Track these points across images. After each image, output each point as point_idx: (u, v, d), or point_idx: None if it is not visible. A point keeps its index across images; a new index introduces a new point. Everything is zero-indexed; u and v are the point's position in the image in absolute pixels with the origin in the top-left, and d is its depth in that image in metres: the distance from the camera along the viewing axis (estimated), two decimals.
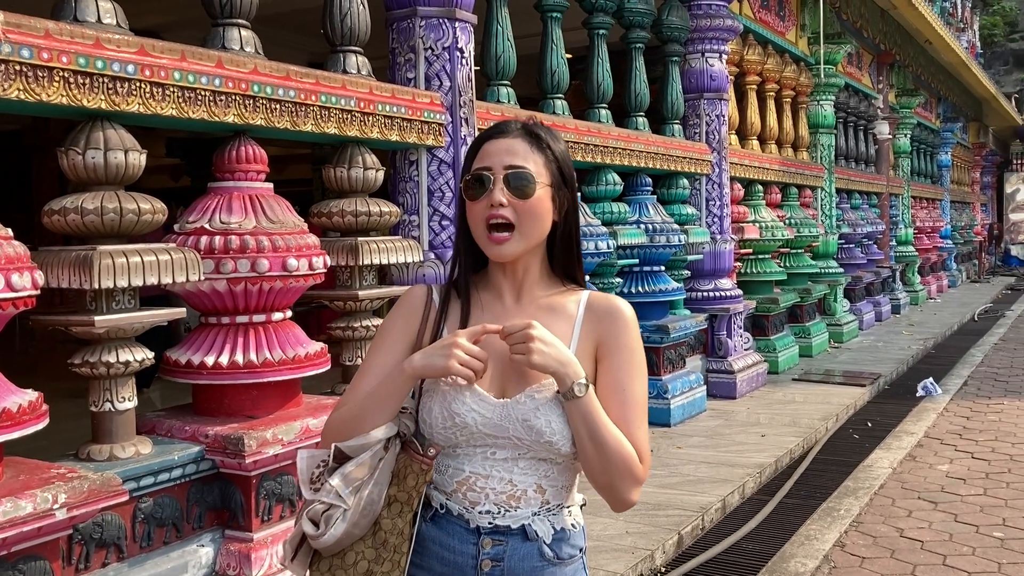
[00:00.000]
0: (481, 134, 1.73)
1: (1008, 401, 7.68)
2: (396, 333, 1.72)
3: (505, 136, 1.69)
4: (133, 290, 3.05)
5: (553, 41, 5.55)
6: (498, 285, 1.73)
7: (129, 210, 2.95)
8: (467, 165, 1.71)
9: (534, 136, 1.70)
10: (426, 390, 1.65)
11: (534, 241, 1.68)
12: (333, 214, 3.91)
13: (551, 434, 1.58)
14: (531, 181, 1.64)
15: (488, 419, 1.60)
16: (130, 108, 2.98)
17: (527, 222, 1.64)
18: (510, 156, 1.66)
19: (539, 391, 1.60)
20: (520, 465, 1.62)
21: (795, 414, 6.76)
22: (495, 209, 1.63)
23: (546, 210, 1.67)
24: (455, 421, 1.60)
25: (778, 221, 8.99)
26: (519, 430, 1.59)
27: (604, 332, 1.68)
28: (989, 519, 4.64)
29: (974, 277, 21.91)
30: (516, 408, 1.59)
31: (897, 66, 14.62)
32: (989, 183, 28.04)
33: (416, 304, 1.74)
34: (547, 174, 1.68)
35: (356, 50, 4.01)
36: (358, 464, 1.58)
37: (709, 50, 7.47)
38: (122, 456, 3.03)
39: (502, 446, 1.61)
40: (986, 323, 13.39)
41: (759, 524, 4.56)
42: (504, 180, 1.64)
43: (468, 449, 1.63)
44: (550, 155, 1.70)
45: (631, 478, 1.59)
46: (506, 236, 1.64)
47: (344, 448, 1.59)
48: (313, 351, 3.52)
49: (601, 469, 1.58)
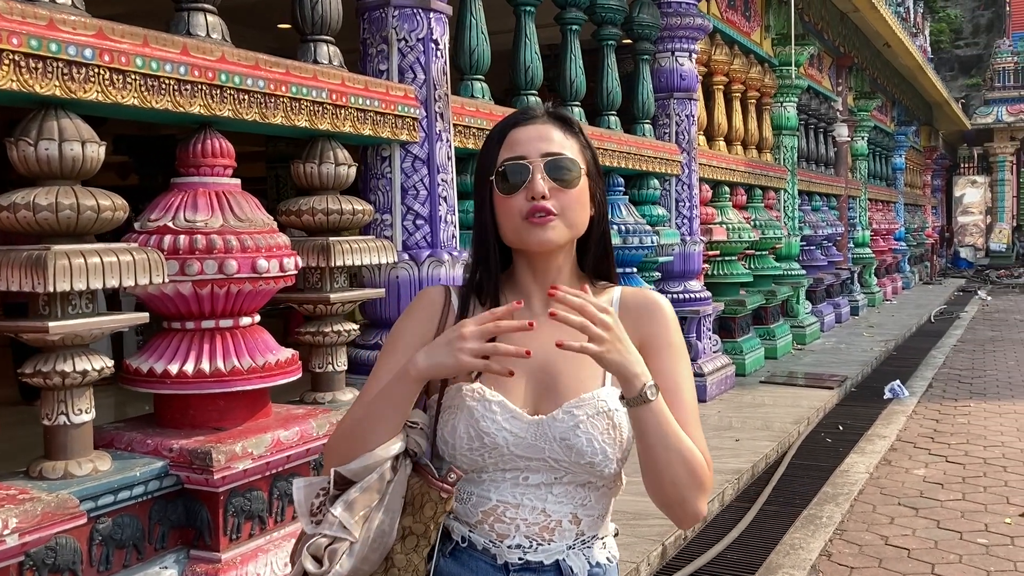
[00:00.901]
0: (502, 121, 1.55)
1: (974, 403, 7.69)
2: (409, 338, 1.52)
3: (534, 121, 1.52)
4: (91, 293, 2.82)
5: (527, 36, 5.38)
6: (526, 289, 1.55)
7: (87, 207, 2.72)
8: (489, 157, 1.52)
9: (565, 120, 1.54)
10: (446, 406, 1.46)
11: (577, 231, 1.51)
12: (303, 212, 3.70)
13: (593, 454, 1.41)
14: (574, 168, 1.48)
15: (522, 439, 1.41)
16: (87, 96, 2.75)
17: (572, 212, 1.48)
18: (546, 143, 1.48)
19: (578, 406, 1.42)
20: (555, 492, 1.44)
21: (766, 417, 6.67)
22: (537, 202, 1.45)
23: (586, 200, 1.51)
24: (484, 442, 1.41)
25: (744, 223, 8.94)
26: (556, 451, 1.41)
27: (646, 330, 1.51)
28: (972, 525, 4.57)
29: (927, 279, 22.22)
30: (553, 426, 1.41)
31: (855, 69, 14.71)
32: (939, 186, 28.52)
33: (433, 307, 1.56)
34: (583, 161, 1.52)
35: (327, 39, 3.81)
36: (364, 489, 1.38)
37: (679, 49, 7.36)
38: (78, 473, 2.79)
39: (536, 469, 1.43)
40: (943, 324, 13.52)
41: (741, 533, 4.44)
42: (544, 169, 1.46)
43: (496, 474, 1.44)
44: (583, 140, 1.54)
45: (702, 488, 1.42)
46: (549, 218, 1.45)
47: (345, 472, 1.40)
48: (283, 358, 3.31)
49: (673, 481, 1.40)
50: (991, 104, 29.31)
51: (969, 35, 38.94)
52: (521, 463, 1.43)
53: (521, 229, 1.47)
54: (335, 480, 1.40)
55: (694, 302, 7.43)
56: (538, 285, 1.54)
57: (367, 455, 1.39)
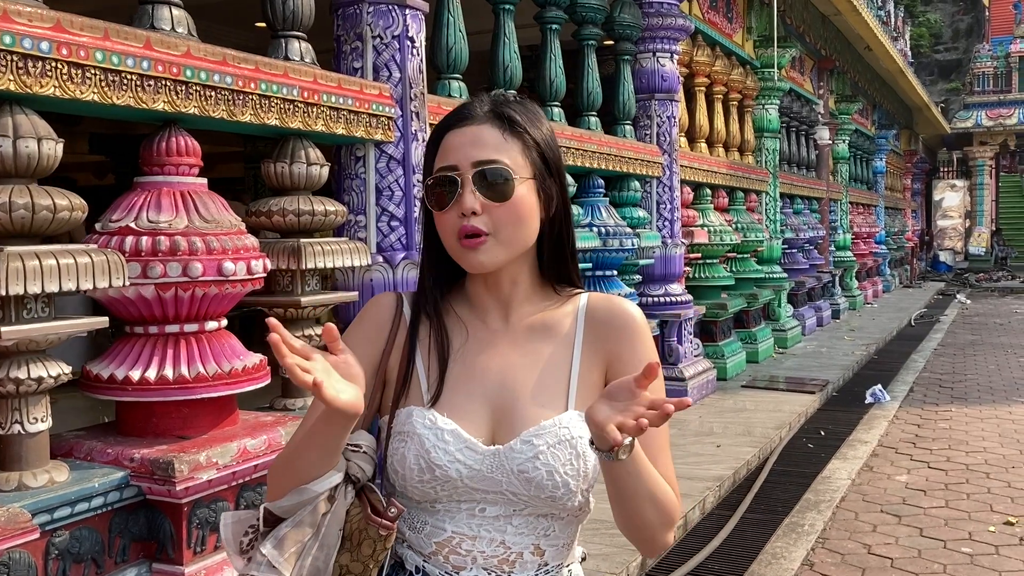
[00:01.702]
0: (440, 122, 1.40)
1: (956, 408, 7.65)
2: (359, 353, 1.36)
3: (470, 123, 1.37)
4: (47, 297, 2.70)
5: (506, 35, 5.29)
6: (481, 303, 1.43)
7: (42, 206, 2.60)
8: (428, 163, 1.40)
9: (506, 119, 1.38)
10: (396, 432, 1.35)
11: (519, 248, 1.37)
12: (273, 213, 3.59)
13: (554, 488, 1.30)
14: (508, 178, 1.33)
15: (476, 471, 1.30)
16: (44, 91, 2.63)
17: (508, 229, 1.34)
18: (478, 149, 1.34)
19: (538, 434, 1.31)
20: (515, 523, 1.33)
21: (748, 423, 6.60)
22: (467, 219, 1.32)
23: (530, 210, 1.36)
24: (435, 474, 1.30)
25: (726, 225, 8.88)
26: (514, 484, 1.30)
27: (614, 346, 1.39)
28: (955, 533, 4.51)
29: (906, 282, 22.29)
30: (510, 457, 1.30)
31: (837, 72, 14.72)
32: (919, 190, 28.64)
33: (382, 317, 1.44)
34: (527, 165, 1.37)
35: (299, 35, 3.70)
36: (295, 524, 1.26)
37: (660, 50, 7.29)
38: (33, 485, 2.68)
39: (493, 502, 1.32)
40: (923, 328, 13.52)
41: (723, 542, 4.36)
42: (474, 180, 1.32)
43: (451, 505, 1.33)
44: (529, 140, 1.38)
45: (671, 523, 1.34)
46: (481, 240, 1.32)
47: (275, 510, 1.27)
48: (251, 364, 3.20)
49: (643, 524, 1.31)
50: (970, 108, 29.51)
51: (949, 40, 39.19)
52: (477, 495, 1.33)
53: (456, 251, 1.36)
54: (264, 518, 1.28)
55: (675, 305, 7.35)
56: (492, 298, 1.43)
57: (300, 490, 1.27)
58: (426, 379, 1.39)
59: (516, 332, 1.42)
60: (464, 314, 1.44)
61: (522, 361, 1.39)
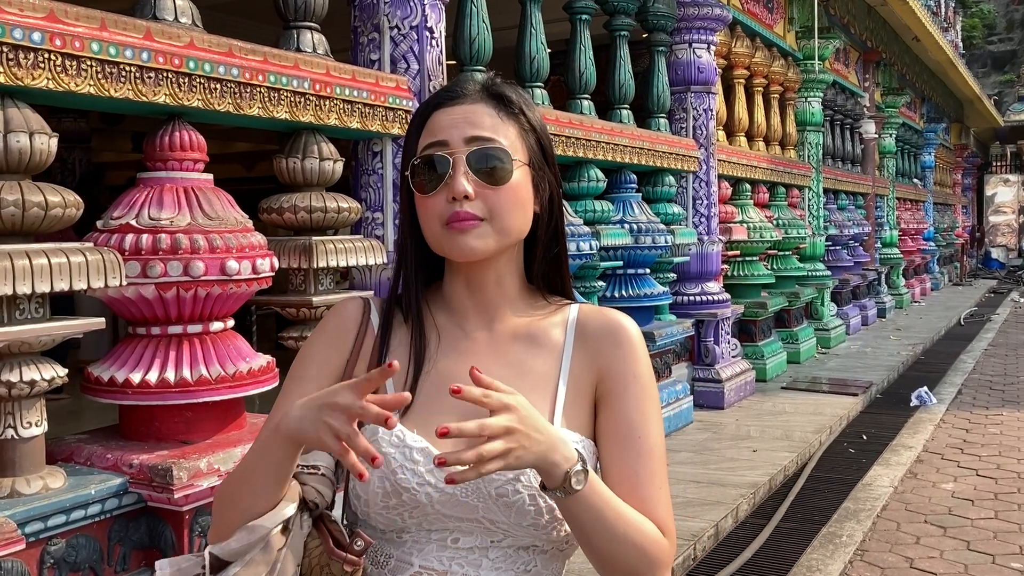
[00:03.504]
0: (426, 101, 1.26)
1: (1007, 412, 7.34)
2: (318, 364, 1.26)
3: (462, 100, 1.23)
4: (41, 297, 2.61)
5: (532, 25, 5.13)
6: (460, 306, 1.28)
7: (34, 203, 2.50)
8: (410, 144, 1.25)
9: (501, 98, 1.24)
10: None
11: (511, 239, 1.23)
12: (284, 210, 3.47)
13: (537, 514, 1.14)
14: (505, 159, 1.19)
15: (450, 495, 1.15)
16: (36, 83, 2.53)
17: (504, 216, 1.20)
18: (472, 126, 1.20)
19: None
20: (491, 556, 1.18)
21: (786, 426, 6.38)
22: (458, 204, 1.17)
23: (526, 198, 1.23)
24: (402, 498, 1.16)
25: (766, 222, 8.63)
26: (492, 509, 1.15)
27: (605, 362, 1.25)
28: (1005, 547, 4.27)
29: (956, 280, 21.71)
30: (487, 479, 1.14)
31: (883, 64, 14.32)
32: (970, 185, 27.92)
33: (346, 325, 1.29)
34: (523, 149, 1.23)
35: (312, 26, 3.58)
36: (247, 564, 1.11)
37: (697, 40, 7.07)
38: (27, 492, 2.58)
39: (468, 531, 1.17)
40: (973, 327, 13.10)
41: (755, 553, 4.17)
42: (467, 161, 1.18)
43: (419, 534, 1.18)
44: (525, 122, 1.25)
45: (659, 564, 1.16)
46: (473, 223, 1.18)
47: (222, 554, 1.12)
48: (258, 366, 3.09)
49: (617, 567, 1.14)
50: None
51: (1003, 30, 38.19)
52: (450, 523, 1.17)
53: (442, 236, 1.21)
54: (211, 565, 1.13)
55: (712, 304, 7.14)
56: (473, 301, 1.28)
57: (250, 528, 1.12)
58: (394, 391, 1.24)
59: (498, 341, 1.27)
60: (441, 319, 1.29)
61: (504, 373, 1.24)
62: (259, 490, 1.12)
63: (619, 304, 5.81)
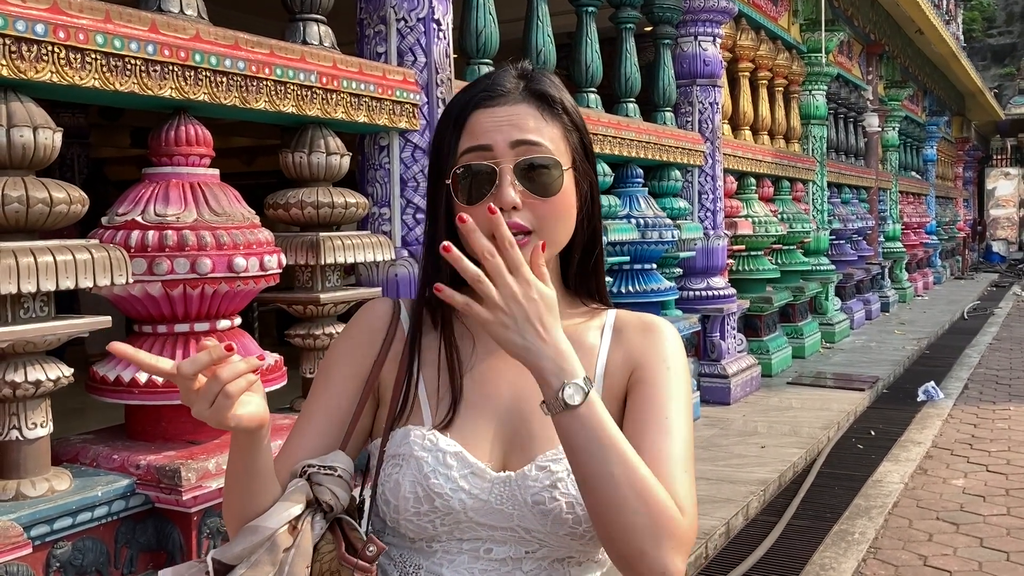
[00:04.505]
0: (460, 96, 1.20)
1: (1015, 407, 7.29)
2: (347, 366, 1.22)
3: (504, 101, 1.16)
4: (46, 295, 2.55)
5: (539, 18, 5.07)
6: None
7: (38, 199, 2.45)
8: (444, 144, 1.18)
9: (544, 97, 1.18)
10: (390, 455, 1.16)
11: (558, 248, 1.18)
12: (291, 206, 3.42)
13: (575, 522, 1.09)
14: (554, 167, 1.13)
15: (484, 502, 1.10)
16: (40, 77, 2.47)
17: (552, 228, 1.14)
18: (518, 131, 1.14)
19: (556, 459, 1.11)
20: (525, 569, 1.12)
21: (794, 422, 6.33)
22: (506, 215, 1.10)
23: (572, 205, 1.17)
24: (434, 504, 1.10)
25: (771, 216, 8.57)
26: (528, 518, 1.10)
27: (638, 353, 1.19)
28: (1019, 544, 4.22)
29: (958, 273, 21.67)
30: (524, 486, 1.10)
31: (886, 57, 14.25)
32: (971, 178, 27.86)
33: (375, 326, 1.25)
34: (568, 151, 1.18)
35: (318, 18, 3.52)
36: (251, 565, 1.06)
37: (702, 33, 7.01)
38: (32, 494, 2.53)
39: (501, 541, 1.12)
40: (977, 321, 13.06)
41: (767, 551, 4.12)
42: (515, 171, 1.12)
43: (450, 544, 1.13)
44: (568, 122, 1.19)
45: (670, 537, 1.03)
46: (523, 239, 1.11)
47: (224, 558, 1.08)
48: (266, 364, 3.03)
49: (624, 527, 1.02)
50: None
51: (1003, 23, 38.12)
52: (483, 532, 1.12)
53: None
54: (214, 570, 1.09)
55: (718, 299, 7.09)
56: None
57: (252, 529, 1.09)
58: (428, 397, 1.20)
59: None
60: (471, 322, 1.24)
61: None
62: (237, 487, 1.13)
63: (626, 300, 5.75)
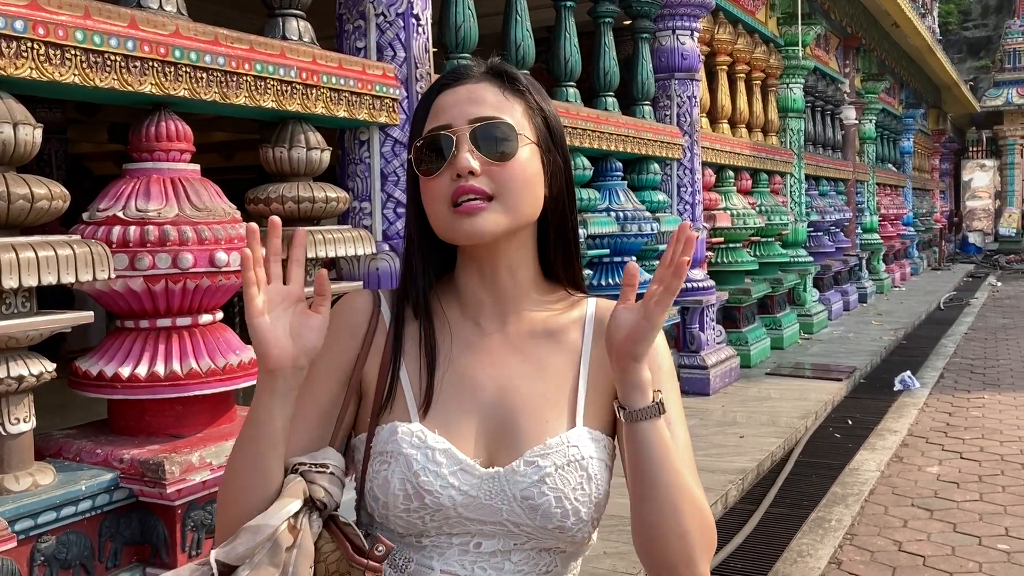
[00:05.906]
0: (432, 84, 1.24)
1: (988, 395, 7.41)
2: (328, 359, 1.22)
3: (465, 81, 1.21)
4: (28, 290, 2.56)
5: (518, 12, 5.10)
6: (473, 299, 1.25)
7: (19, 195, 2.46)
8: (416, 130, 1.23)
9: (507, 77, 1.22)
10: (377, 452, 1.17)
11: (522, 219, 1.19)
12: (272, 200, 3.43)
13: (564, 516, 1.12)
14: (511, 134, 1.16)
15: (473, 498, 1.13)
16: (19, 73, 2.48)
17: (511, 193, 1.16)
18: (475, 105, 1.18)
19: (544, 454, 1.13)
20: (514, 559, 1.15)
21: (773, 412, 6.41)
22: (463, 180, 1.14)
23: (535, 176, 1.19)
24: (424, 501, 1.13)
25: (750, 208, 8.64)
26: (517, 512, 1.13)
27: None
28: (991, 529, 4.31)
29: (935, 264, 21.88)
30: (513, 481, 1.12)
31: (863, 50, 14.36)
32: (948, 170, 28.12)
33: (356, 318, 1.26)
34: (531, 128, 1.20)
35: (298, 14, 3.54)
36: (254, 567, 1.06)
37: (680, 27, 7.06)
38: (15, 488, 2.54)
39: (490, 535, 1.14)
40: (953, 312, 13.22)
41: (745, 539, 4.18)
42: (471, 137, 1.16)
43: (440, 539, 1.15)
44: (532, 100, 1.22)
45: (711, 542, 1.16)
46: (480, 204, 1.15)
47: (228, 559, 1.07)
48: (248, 358, 3.05)
49: (681, 534, 1.11)
50: (1000, 86, 28.84)
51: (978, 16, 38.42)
52: (472, 527, 1.15)
53: (448, 220, 1.17)
54: (218, 571, 1.08)
55: (697, 291, 7.15)
56: (486, 293, 1.24)
57: (253, 528, 1.08)
58: (412, 390, 1.21)
59: (515, 336, 1.24)
60: (453, 314, 1.26)
61: (522, 370, 1.21)
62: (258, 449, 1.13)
63: (606, 292, 5.80)
